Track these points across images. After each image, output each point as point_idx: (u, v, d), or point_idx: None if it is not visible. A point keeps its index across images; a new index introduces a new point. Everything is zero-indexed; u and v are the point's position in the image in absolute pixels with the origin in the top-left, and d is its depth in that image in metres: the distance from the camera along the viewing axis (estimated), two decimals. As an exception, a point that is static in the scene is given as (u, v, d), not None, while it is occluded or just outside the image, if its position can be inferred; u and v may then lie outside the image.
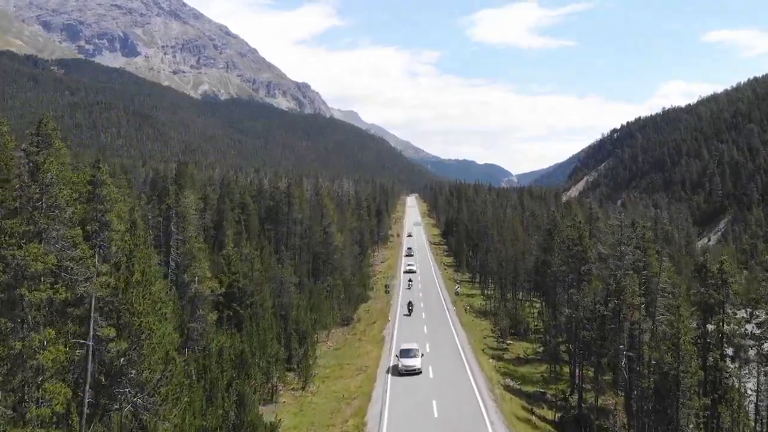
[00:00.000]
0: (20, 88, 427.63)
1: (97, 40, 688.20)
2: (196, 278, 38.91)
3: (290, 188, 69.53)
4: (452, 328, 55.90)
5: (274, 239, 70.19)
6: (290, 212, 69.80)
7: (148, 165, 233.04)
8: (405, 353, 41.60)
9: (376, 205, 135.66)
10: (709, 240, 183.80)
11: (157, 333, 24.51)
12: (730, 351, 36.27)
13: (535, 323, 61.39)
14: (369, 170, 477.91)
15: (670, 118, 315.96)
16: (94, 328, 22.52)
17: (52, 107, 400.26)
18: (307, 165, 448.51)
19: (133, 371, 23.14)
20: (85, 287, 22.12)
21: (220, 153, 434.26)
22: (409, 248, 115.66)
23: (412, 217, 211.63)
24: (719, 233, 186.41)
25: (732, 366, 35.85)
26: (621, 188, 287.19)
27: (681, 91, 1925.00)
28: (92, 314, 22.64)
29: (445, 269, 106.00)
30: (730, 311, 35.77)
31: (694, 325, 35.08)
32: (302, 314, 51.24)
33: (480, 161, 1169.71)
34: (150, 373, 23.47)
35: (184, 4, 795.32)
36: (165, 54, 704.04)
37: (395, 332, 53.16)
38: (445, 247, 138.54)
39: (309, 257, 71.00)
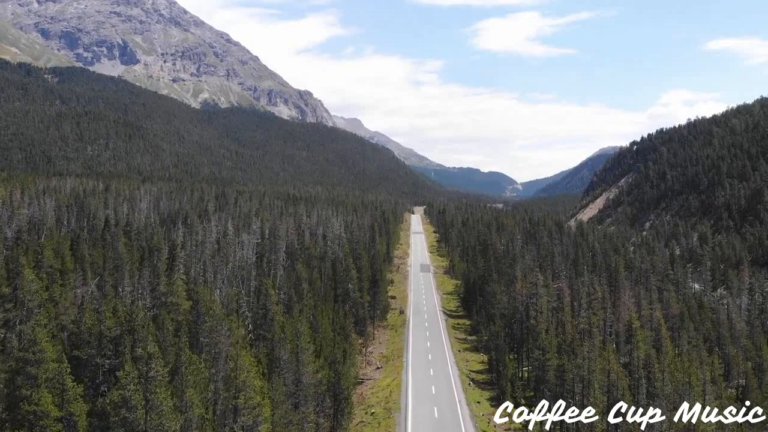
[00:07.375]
0: (8, 97, 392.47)
1: (95, 48, 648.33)
2: None
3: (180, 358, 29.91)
4: None
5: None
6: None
7: (114, 189, 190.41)
8: None
9: (371, 271, 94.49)
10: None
11: None
12: None
13: None
14: (371, 181, 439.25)
15: (698, 130, 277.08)
16: None
17: (38, 117, 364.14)
18: (305, 177, 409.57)
19: None
20: None
21: (215, 165, 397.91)
22: None
23: (419, 254, 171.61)
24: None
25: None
26: (648, 209, 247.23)
27: (683, 99, 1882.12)
28: None
29: (478, 398, 63.51)
30: None
31: None
32: None
33: (484, 169, 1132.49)
34: None
35: (185, 12, 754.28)
36: (164, 62, 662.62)
37: None
38: (466, 322, 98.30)
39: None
